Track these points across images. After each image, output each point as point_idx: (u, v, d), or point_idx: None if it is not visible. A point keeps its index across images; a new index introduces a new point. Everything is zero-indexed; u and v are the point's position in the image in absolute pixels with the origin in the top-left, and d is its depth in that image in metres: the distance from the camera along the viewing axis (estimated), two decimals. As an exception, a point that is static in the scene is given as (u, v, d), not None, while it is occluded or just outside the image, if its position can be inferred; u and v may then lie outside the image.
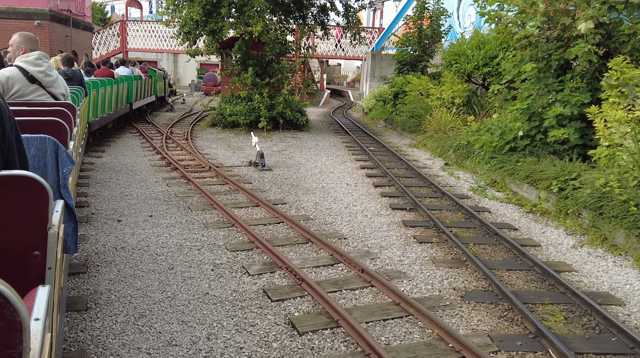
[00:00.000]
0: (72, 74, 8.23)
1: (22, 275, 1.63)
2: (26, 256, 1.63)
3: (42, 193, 1.62)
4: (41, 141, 2.66)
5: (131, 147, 12.43)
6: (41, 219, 1.65)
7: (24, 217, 1.63)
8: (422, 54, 19.06)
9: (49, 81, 4.48)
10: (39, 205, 1.63)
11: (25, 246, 1.63)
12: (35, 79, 4.36)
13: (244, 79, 15.38)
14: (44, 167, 2.70)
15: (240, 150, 12.65)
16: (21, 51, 4.42)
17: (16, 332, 0.91)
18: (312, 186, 9.09)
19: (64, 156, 2.74)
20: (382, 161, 11.29)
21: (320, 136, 15.64)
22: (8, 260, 1.60)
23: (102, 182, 8.75)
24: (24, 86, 4.30)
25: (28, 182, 1.60)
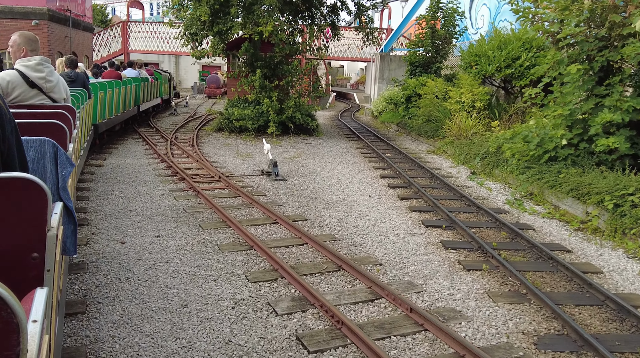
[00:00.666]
0: (75, 76, 8.12)
1: (21, 277, 1.61)
2: (25, 258, 1.62)
3: (41, 195, 1.61)
4: (40, 144, 2.64)
5: (134, 154, 11.64)
6: (40, 222, 1.64)
7: (23, 219, 1.62)
8: (435, 55, 18.27)
9: (50, 86, 4.43)
10: (37, 207, 1.62)
11: (24, 248, 1.62)
12: (36, 85, 4.31)
13: (252, 81, 14.60)
14: (43, 169, 2.66)
15: (249, 157, 11.86)
16: (22, 53, 4.32)
17: (13, 334, 0.91)
18: (332, 198, 8.30)
19: (63, 158, 2.71)
20: (403, 169, 10.50)
21: (332, 142, 14.85)
22: (7, 262, 1.59)
23: (104, 195, 7.96)
24: (24, 91, 4.26)
25: (27, 184, 1.59)
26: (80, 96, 7.36)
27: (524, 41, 13.28)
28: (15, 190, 1.59)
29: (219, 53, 14.64)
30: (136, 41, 28.75)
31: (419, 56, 18.56)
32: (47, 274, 1.66)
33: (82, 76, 8.44)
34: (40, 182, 1.61)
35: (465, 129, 12.55)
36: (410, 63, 18.96)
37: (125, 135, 14.32)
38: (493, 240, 6.39)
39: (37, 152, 2.66)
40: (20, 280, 1.61)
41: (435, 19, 18.05)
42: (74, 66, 8.44)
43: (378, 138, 15.80)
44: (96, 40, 27.55)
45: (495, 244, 6.08)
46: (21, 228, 1.63)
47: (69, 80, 7.85)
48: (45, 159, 2.68)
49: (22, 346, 0.93)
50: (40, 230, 1.65)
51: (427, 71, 18.32)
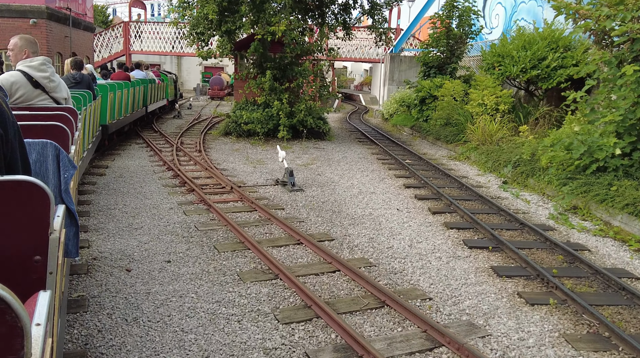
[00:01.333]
0: (80, 77, 8.04)
1: (24, 279, 1.59)
2: (27, 260, 1.60)
3: (43, 197, 1.61)
4: (43, 146, 2.63)
5: (138, 161, 10.86)
6: (42, 224, 1.62)
7: (26, 222, 1.60)
8: (450, 55, 17.49)
9: (53, 86, 4.42)
10: (40, 210, 1.61)
11: (26, 251, 1.60)
12: (39, 84, 4.30)
13: (261, 83, 13.82)
14: (46, 172, 2.64)
15: (261, 164, 11.08)
16: (24, 55, 4.32)
17: (17, 338, 0.90)
18: (357, 212, 7.52)
19: (65, 160, 2.69)
20: (427, 178, 9.72)
21: (345, 146, 14.07)
22: (9, 264, 1.58)
23: (106, 210, 7.18)
24: (28, 91, 4.25)
25: (29, 187, 1.59)
26: (84, 97, 7.20)
27: (549, 41, 12.51)
28: (18, 193, 1.58)
29: (227, 53, 13.87)
30: (138, 42, 27.99)
31: (433, 56, 17.78)
32: (49, 277, 1.64)
33: (87, 77, 8.28)
34: (43, 185, 1.60)
35: (490, 133, 11.76)
36: (423, 64, 18.19)
37: (128, 140, 13.54)
38: (549, 264, 5.60)
39: (39, 154, 2.63)
40: (23, 282, 1.59)
41: (451, 18, 17.28)
42: (79, 67, 8.27)
43: (392, 142, 15.01)
44: (97, 40, 26.79)
45: (555, 271, 5.29)
46: (24, 230, 1.61)
47: (74, 81, 7.87)
48: (48, 161, 2.66)
49: (26, 350, 0.93)
50: (43, 233, 1.63)
51: (442, 71, 17.54)
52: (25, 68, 4.28)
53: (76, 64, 8.25)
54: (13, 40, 4.35)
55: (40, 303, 1.21)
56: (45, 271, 1.64)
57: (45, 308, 1.18)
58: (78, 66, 8.25)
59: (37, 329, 1.08)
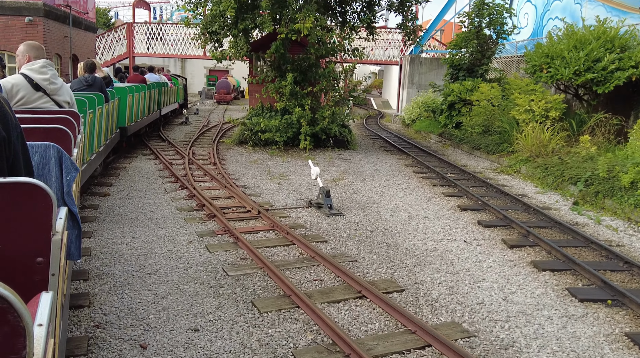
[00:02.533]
0: (92, 80, 7.96)
1: (26, 281, 1.58)
2: (30, 262, 1.59)
3: (46, 199, 1.60)
4: (45, 149, 2.62)
5: (147, 177, 9.46)
6: (45, 226, 1.61)
7: (28, 223, 1.59)
8: (481, 57, 16.09)
9: (54, 88, 4.36)
10: (42, 212, 1.60)
11: (29, 253, 1.59)
12: (40, 87, 4.26)
13: (281, 87, 12.42)
14: (48, 174, 2.62)
15: (285, 180, 9.68)
16: (26, 60, 4.32)
17: (20, 337, 0.90)
18: (417, 246, 6.12)
19: (67, 163, 2.67)
20: (481, 196, 8.32)
21: (373, 156, 12.67)
22: (12, 265, 1.56)
23: (111, 245, 5.78)
24: (29, 93, 4.21)
25: (32, 189, 1.58)
26: (94, 100, 7.05)
27: (604, 40, 11.11)
28: (21, 195, 1.57)
29: (243, 55, 12.47)
30: (142, 44, 26.63)
31: (462, 57, 16.38)
32: (51, 278, 1.62)
33: (100, 80, 8.14)
34: (46, 187, 1.59)
35: (543, 144, 10.35)
36: (450, 65, 16.79)
37: (134, 151, 12.14)
38: (700, 329, 4.20)
39: (42, 157, 2.61)
40: (25, 284, 1.56)
41: (481, 17, 15.89)
42: (91, 70, 8.17)
43: (423, 151, 13.61)
44: (99, 42, 25.44)
45: None
46: (26, 232, 1.59)
47: (87, 84, 7.87)
48: (50, 164, 2.63)
49: (28, 349, 0.92)
50: (45, 235, 1.62)
51: (472, 74, 16.14)
52: (26, 71, 4.23)
53: (89, 66, 8.16)
54: (19, 47, 4.39)
55: (43, 303, 1.18)
56: (48, 273, 1.61)
57: (48, 309, 1.15)
58: (90, 68, 8.16)
59: (40, 329, 1.05)
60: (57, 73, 4.55)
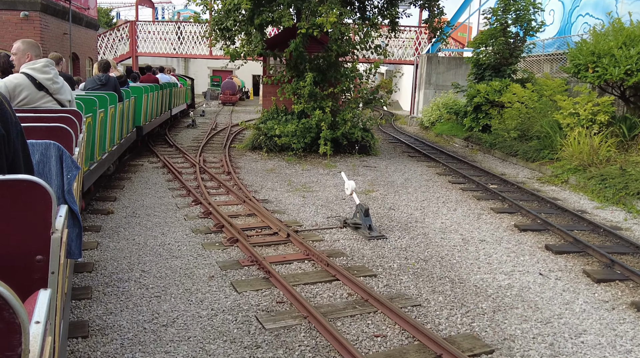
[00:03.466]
0: (106, 79, 7.94)
1: (25, 279, 1.55)
2: (29, 260, 1.57)
3: (45, 197, 1.57)
4: (46, 147, 2.61)
5: (155, 189, 8.38)
6: (44, 224, 1.59)
7: (28, 221, 1.57)
8: (508, 56, 14.99)
9: (56, 88, 4.33)
10: (42, 210, 1.58)
11: (28, 251, 1.57)
12: (43, 86, 4.22)
13: (299, 88, 11.33)
14: (49, 172, 2.61)
15: (309, 191, 8.60)
16: (27, 58, 4.29)
17: (15, 334, 0.90)
18: (488, 282, 5.03)
19: (68, 161, 2.65)
20: (538, 213, 7.24)
21: (399, 163, 11.59)
22: (12, 263, 1.54)
23: (116, 282, 4.70)
24: (32, 92, 4.17)
25: (32, 186, 1.55)
26: (106, 99, 6.97)
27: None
28: (20, 192, 1.54)
29: (258, 53, 11.38)
30: (145, 43, 25.53)
31: (488, 56, 15.28)
32: (51, 276, 1.59)
33: (113, 79, 8.10)
34: (45, 184, 1.57)
35: (595, 151, 9.26)
36: (475, 65, 15.70)
37: (139, 158, 11.06)
38: None
39: (42, 155, 2.59)
40: (25, 282, 1.54)
41: (507, 13, 14.80)
42: (105, 69, 8.13)
43: (451, 157, 12.52)
44: (101, 41, 24.35)
45: None
46: (26, 230, 1.57)
47: (100, 83, 7.84)
48: (51, 162, 2.61)
49: (23, 346, 0.91)
50: (45, 233, 1.59)
51: (498, 74, 15.05)
52: (29, 70, 4.20)
53: (103, 65, 8.11)
54: (16, 44, 4.36)
55: (40, 301, 1.16)
56: (47, 271, 1.58)
57: (45, 306, 1.13)
58: (105, 67, 8.10)
59: (37, 327, 1.04)
60: (57, 72, 4.48)
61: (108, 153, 7.35)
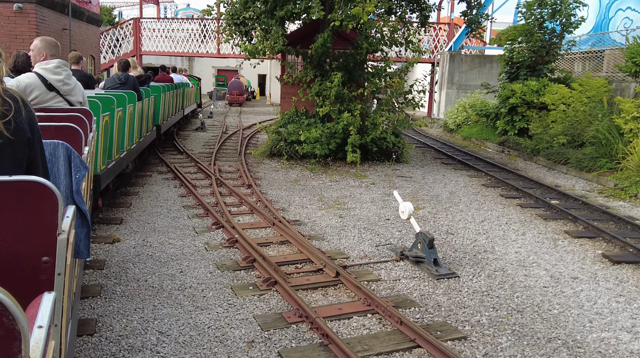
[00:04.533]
0: (125, 78, 7.92)
1: (32, 280, 1.50)
2: (36, 261, 1.51)
3: (52, 198, 1.52)
4: (54, 147, 2.55)
5: (167, 208, 7.15)
6: (51, 225, 1.54)
7: (34, 222, 1.52)
8: (544, 54, 13.74)
9: (67, 89, 4.20)
10: (48, 210, 1.53)
11: (34, 252, 1.51)
12: (54, 87, 4.11)
13: (324, 89, 10.10)
14: (57, 172, 2.55)
15: (344, 209, 7.38)
16: (42, 57, 4.17)
17: (15, 341, 0.86)
18: (611, 343, 3.81)
19: (77, 161, 2.60)
20: (622, 237, 6.01)
21: (435, 172, 10.35)
22: (18, 264, 1.49)
23: (126, 352, 3.47)
24: (42, 93, 4.08)
25: (38, 187, 1.50)
26: (124, 98, 6.78)
27: None
28: (26, 193, 1.49)
29: (279, 50, 10.14)
30: (149, 41, 24.30)
31: (521, 53, 14.02)
32: (57, 278, 1.53)
33: (133, 78, 8.10)
34: (51, 185, 1.52)
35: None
36: (507, 63, 14.45)
37: (147, 167, 9.83)
38: None
39: (51, 155, 2.52)
40: (31, 283, 1.48)
41: (544, 7, 13.55)
42: (125, 68, 8.11)
43: (490, 164, 11.28)
44: (103, 40, 23.13)
45: None
46: (32, 231, 1.52)
47: (120, 82, 7.84)
48: (59, 162, 2.55)
49: (24, 353, 0.88)
50: (51, 234, 1.54)
51: (534, 73, 13.80)
52: (41, 70, 4.06)
53: (122, 65, 8.10)
54: (34, 41, 4.26)
55: (44, 305, 1.12)
56: (54, 272, 1.52)
57: (49, 311, 1.09)
58: (124, 67, 8.08)
59: (39, 332, 1.00)
60: (70, 73, 4.34)
61: (126, 152, 7.17)
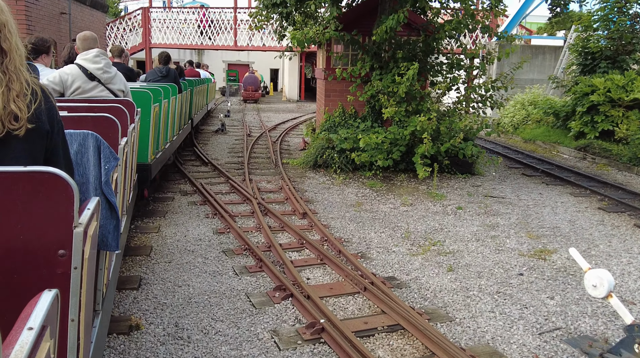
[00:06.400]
0: (167, 71, 7.93)
1: (49, 273, 1.44)
2: (52, 254, 1.44)
3: (67, 190, 1.44)
4: (84, 137, 2.44)
5: (201, 254, 4.94)
6: (67, 217, 1.46)
7: (49, 214, 1.44)
8: (627, 42, 11.47)
9: (107, 77, 4.17)
10: (64, 203, 1.45)
11: (50, 245, 1.44)
12: (95, 76, 4.11)
13: (390, 85, 7.87)
14: (87, 163, 2.45)
15: (445, 253, 5.20)
16: (78, 52, 4.19)
17: None
18: None
19: (106, 152, 2.49)
20: None
21: (526, 188, 8.15)
22: (35, 257, 1.43)
23: None
24: (84, 82, 4.09)
25: (52, 178, 1.43)
26: (168, 90, 6.71)
27: None
28: (41, 184, 1.43)
29: (330, 35, 7.90)
30: (160, 33, 22.06)
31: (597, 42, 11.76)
32: (74, 272, 1.46)
33: (174, 71, 8.07)
34: (67, 176, 1.44)
35: None
36: (580, 54, 12.19)
37: (167, 185, 7.63)
38: None
39: (80, 145, 2.43)
40: (48, 276, 1.43)
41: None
42: (166, 61, 8.09)
43: (583, 176, 9.06)
44: (110, 31, 20.92)
45: None
46: (47, 223, 1.44)
47: (161, 75, 7.87)
48: (89, 152, 2.45)
49: None
50: (67, 226, 1.46)
51: (615, 64, 11.55)
52: (81, 61, 4.09)
53: (163, 58, 8.09)
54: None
55: (40, 305, 1.06)
56: (70, 266, 1.45)
57: (43, 311, 1.04)
58: (166, 60, 8.09)
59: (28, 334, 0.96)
60: (110, 62, 4.25)
61: (170, 143, 7.12)
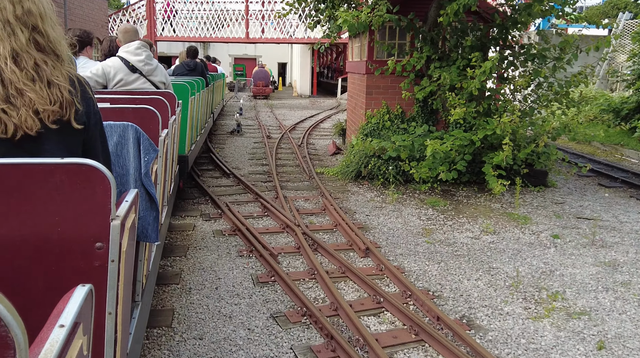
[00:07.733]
0: (194, 65, 8.01)
1: (86, 266, 1.41)
2: (89, 247, 1.41)
3: (104, 182, 1.42)
4: (124, 129, 2.42)
5: (243, 323, 3.39)
6: (104, 210, 1.42)
7: (86, 206, 1.41)
8: None
9: (149, 69, 4.22)
10: (101, 195, 1.42)
11: (87, 237, 1.41)
12: (136, 69, 4.15)
13: (458, 79, 6.31)
14: (127, 154, 2.43)
15: (575, 314, 3.68)
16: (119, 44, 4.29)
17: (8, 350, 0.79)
18: None
19: (146, 143, 2.46)
20: None
21: (617, 205, 6.63)
22: (72, 249, 1.40)
23: None
24: (126, 74, 4.14)
25: (89, 171, 1.40)
26: (198, 84, 6.73)
27: None
28: (78, 176, 1.40)
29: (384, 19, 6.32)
30: (166, 25, 20.45)
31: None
32: (111, 265, 1.43)
33: (201, 65, 8.14)
34: (104, 168, 1.40)
35: None
36: (646, 42, 10.60)
37: (185, 206, 6.06)
38: None
39: (120, 137, 2.42)
40: (86, 269, 1.41)
41: None
42: (194, 55, 8.12)
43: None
44: (112, 24, 19.36)
45: None
46: (84, 215, 1.40)
47: (188, 69, 7.89)
48: (129, 144, 2.43)
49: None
50: (105, 219, 1.42)
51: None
52: (123, 54, 4.15)
53: (191, 52, 8.09)
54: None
55: (73, 300, 1.02)
56: (107, 258, 1.42)
57: (76, 308, 1.01)
58: (193, 54, 8.11)
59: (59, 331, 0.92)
60: (151, 54, 4.28)
61: (200, 136, 7.04)
